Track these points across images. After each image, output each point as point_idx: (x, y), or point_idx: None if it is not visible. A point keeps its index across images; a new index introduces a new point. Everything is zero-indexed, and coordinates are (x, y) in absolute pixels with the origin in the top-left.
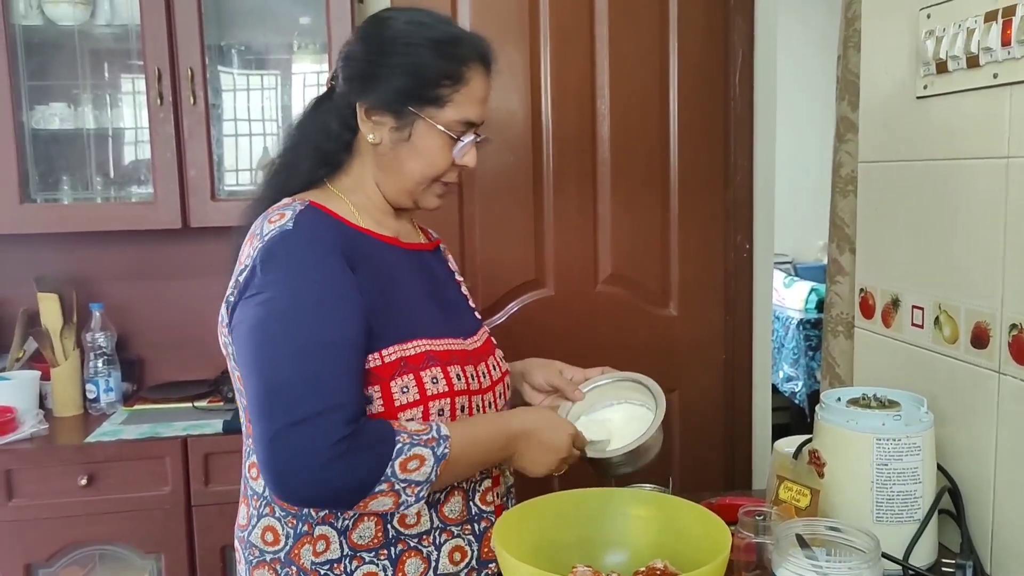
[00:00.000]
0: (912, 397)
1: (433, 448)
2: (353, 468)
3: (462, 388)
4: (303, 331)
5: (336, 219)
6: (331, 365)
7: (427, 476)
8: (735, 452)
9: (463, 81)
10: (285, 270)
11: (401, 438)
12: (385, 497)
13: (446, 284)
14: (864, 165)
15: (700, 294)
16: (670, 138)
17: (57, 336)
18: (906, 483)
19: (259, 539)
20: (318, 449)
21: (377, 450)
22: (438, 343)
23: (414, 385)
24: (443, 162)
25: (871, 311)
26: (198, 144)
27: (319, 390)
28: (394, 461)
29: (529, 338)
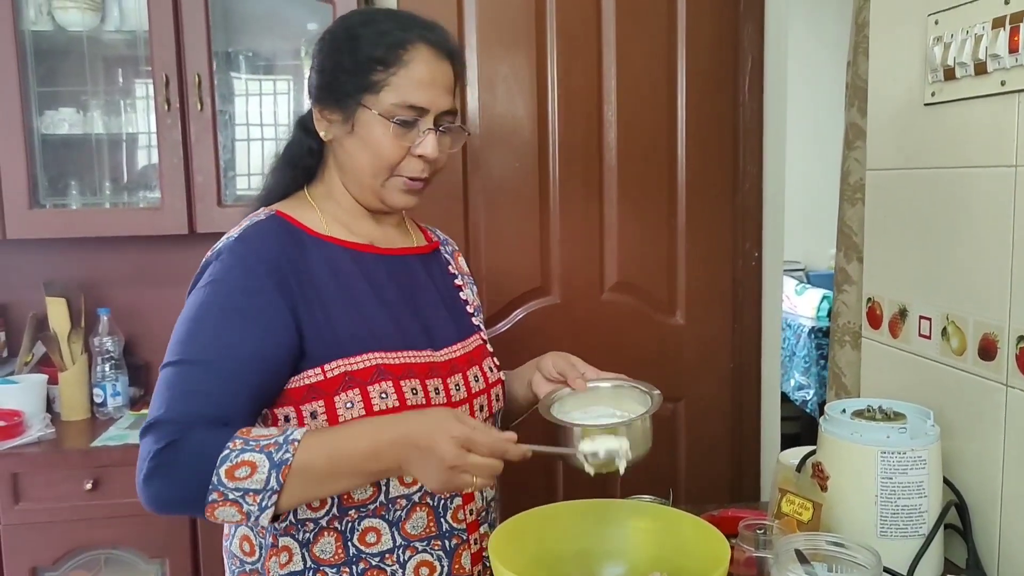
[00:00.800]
0: (918, 409)
1: (270, 453)
2: (172, 478)
3: (418, 403)
4: (188, 341)
5: (297, 227)
6: (185, 379)
7: (263, 483)
8: (743, 463)
9: (399, 63)
10: (210, 281)
11: (231, 444)
12: (226, 507)
13: (431, 289)
14: (872, 173)
15: (708, 302)
16: (678, 145)
17: (65, 340)
18: (911, 497)
19: (238, 549)
20: (143, 458)
21: (198, 459)
22: (394, 356)
23: (359, 400)
24: (391, 151)
25: (878, 321)
26: (205, 150)
27: (161, 400)
28: (218, 468)
29: (534, 346)
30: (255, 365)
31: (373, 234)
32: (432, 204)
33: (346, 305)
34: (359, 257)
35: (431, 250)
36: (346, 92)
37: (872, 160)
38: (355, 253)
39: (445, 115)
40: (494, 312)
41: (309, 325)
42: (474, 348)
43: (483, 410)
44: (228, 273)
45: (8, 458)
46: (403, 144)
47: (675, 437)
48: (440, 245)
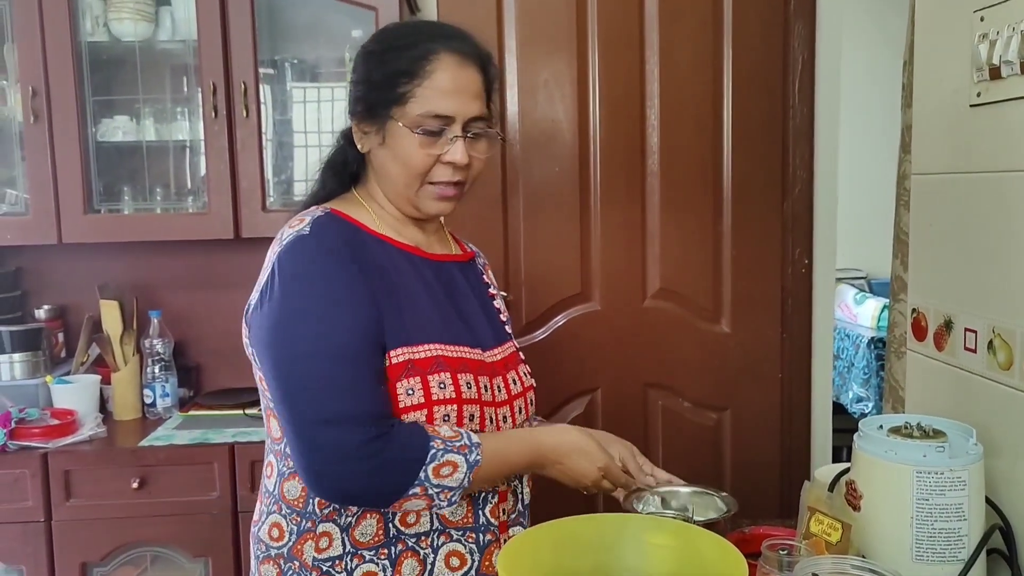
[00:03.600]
0: (960, 427)
1: (466, 455)
2: (384, 471)
3: (471, 397)
4: (320, 333)
5: (354, 224)
6: (349, 368)
7: (460, 482)
8: (791, 477)
9: (423, 75)
10: (300, 274)
11: (435, 443)
12: (419, 500)
13: (470, 296)
14: (917, 177)
15: (754, 310)
16: (724, 148)
17: (118, 342)
18: (949, 520)
19: (266, 535)
20: (348, 450)
21: (409, 455)
22: (450, 349)
23: (420, 388)
24: (419, 160)
25: (923, 333)
26: (250, 156)
27: (341, 392)
28: (427, 466)
29: (574, 353)
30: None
31: (418, 239)
32: (472, 210)
33: (406, 297)
34: (410, 258)
35: (468, 259)
36: (377, 105)
37: (918, 164)
38: (406, 254)
39: (475, 121)
40: (534, 318)
41: (381, 311)
42: (510, 354)
43: (521, 412)
44: (315, 264)
45: (61, 455)
46: (431, 153)
47: (720, 448)
48: (474, 256)
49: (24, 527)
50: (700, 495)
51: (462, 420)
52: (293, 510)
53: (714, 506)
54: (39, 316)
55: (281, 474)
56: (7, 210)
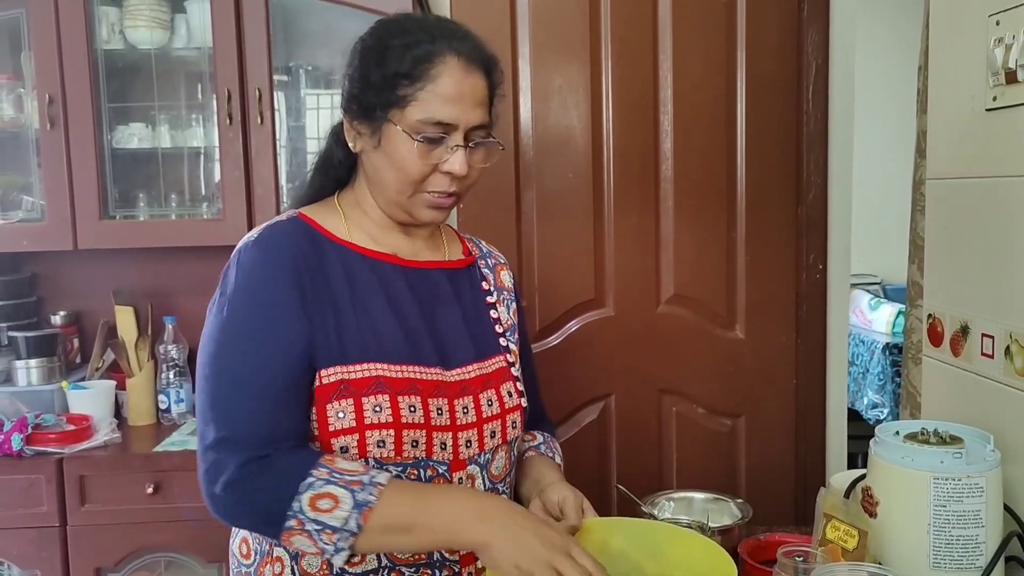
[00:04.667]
0: (977, 433)
1: (354, 491)
2: (258, 497)
3: (414, 421)
4: (230, 355)
5: (317, 231)
6: (247, 390)
7: (343, 522)
8: (806, 483)
9: (426, 78)
10: (236, 287)
11: (317, 472)
12: (299, 536)
13: (455, 305)
14: (933, 182)
15: (769, 316)
16: (737, 154)
17: (132, 347)
18: (967, 527)
19: (237, 549)
20: (224, 474)
21: (282, 481)
22: (395, 368)
23: (351, 410)
24: (415, 168)
25: (939, 338)
26: (264, 162)
27: (232, 415)
28: (301, 495)
29: (587, 359)
30: (295, 372)
31: (399, 245)
32: (484, 216)
33: (356, 313)
34: (378, 267)
35: (464, 264)
36: (373, 106)
37: (933, 169)
38: (374, 262)
39: (476, 129)
40: (547, 324)
41: (319, 327)
42: (494, 370)
43: (495, 436)
44: (250, 279)
45: (76, 461)
46: (429, 161)
47: (735, 455)
48: (477, 259)
49: (39, 532)
50: (715, 501)
51: (401, 446)
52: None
53: (729, 512)
54: (55, 322)
55: None
56: (23, 216)
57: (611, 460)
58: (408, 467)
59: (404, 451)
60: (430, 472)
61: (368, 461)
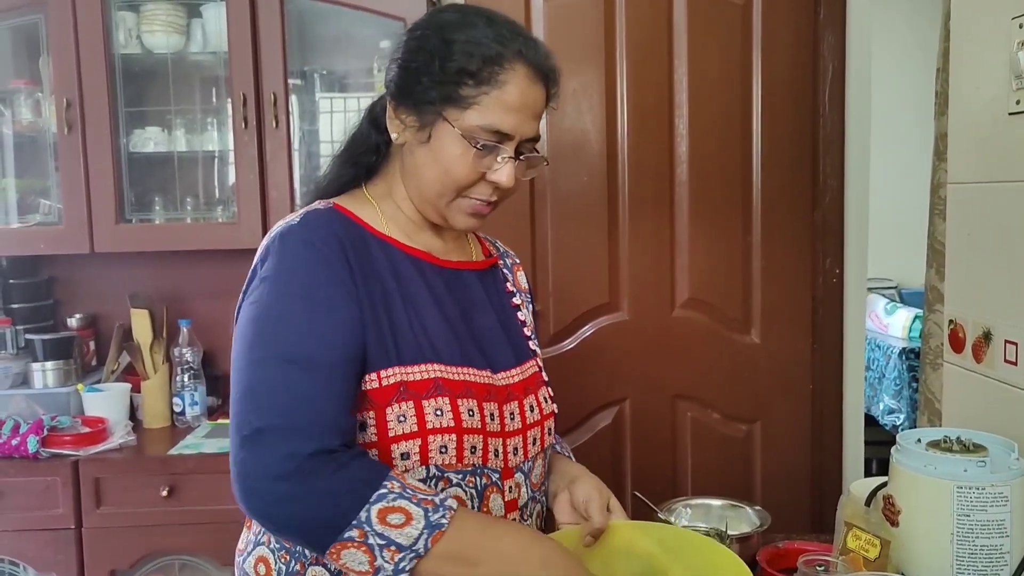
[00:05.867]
0: (1002, 441)
1: (427, 511)
2: (317, 497)
3: (474, 426)
4: (281, 336)
5: (357, 223)
6: (305, 378)
7: (412, 541)
8: (823, 490)
9: (493, 83)
10: (280, 268)
11: (390, 484)
12: (356, 549)
13: (488, 308)
14: (954, 187)
15: (784, 321)
16: (753, 158)
17: (147, 350)
18: (991, 536)
19: (251, 568)
20: (278, 465)
21: (351, 485)
22: (453, 371)
23: (412, 414)
24: (463, 173)
25: (961, 345)
26: (279, 166)
27: (290, 401)
28: (372, 505)
29: (602, 363)
30: (351, 363)
31: (432, 244)
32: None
33: (407, 310)
34: (419, 265)
35: (489, 265)
36: (428, 99)
37: (954, 173)
38: (415, 259)
39: (527, 142)
40: (561, 328)
41: (371, 324)
42: (531, 375)
43: (535, 443)
44: (297, 260)
45: (92, 463)
46: (479, 168)
47: (750, 461)
48: (499, 259)
49: (55, 534)
50: (732, 508)
51: (463, 452)
52: (282, 546)
53: (747, 519)
54: (71, 324)
55: None
56: (40, 220)
57: (625, 465)
58: (467, 474)
59: (464, 457)
60: (484, 480)
61: (429, 468)
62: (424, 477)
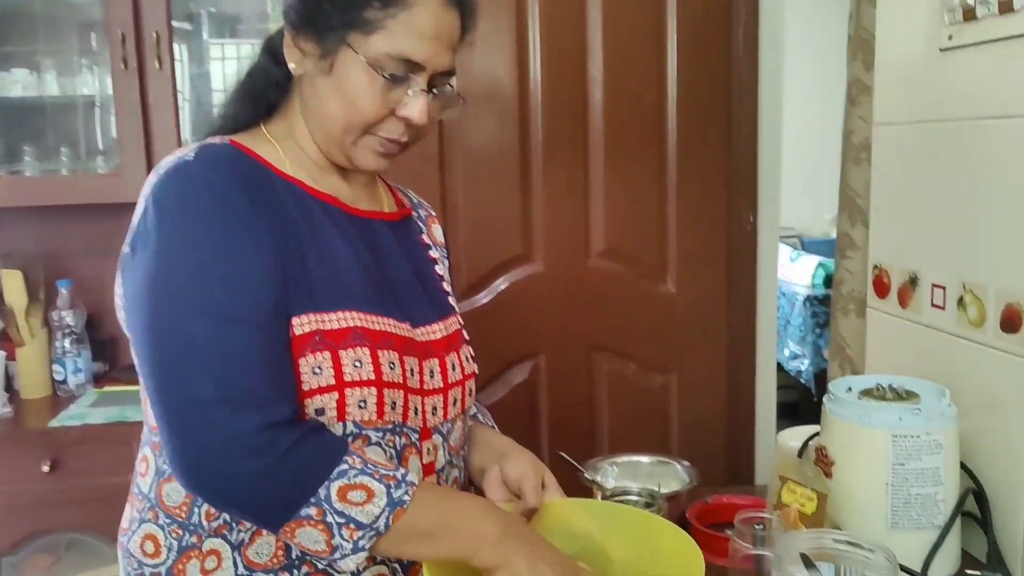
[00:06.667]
0: (932, 387)
1: (389, 487)
2: (277, 474)
3: (395, 380)
4: (206, 287)
5: (258, 162)
6: (245, 335)
7: (373, 519)
8: (739, 440)
9: (401, 5)
10: (180, 213)
11: (351, 460)
12: (313, 528)
13: (403, 261)
14: (880, 128)
15: (700, 269)
16: (668, 103)
17: (23, 315)
18: (926, 485)
19: (138, 548)
20: (235, 438)
21: (312, 461)
22: (372, 320)
23: (329, 366)
24: (370, 106)
25: (885, 290)
26: (164, 113)
27: (234, 364)
28: (332, 482)
29: (516, 317)
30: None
31: (339, 189)
32: (405, 168)
33: (321, 255)
34: (328, 210)
35: (402, 217)
36: (330, 24)
37: (880, 114)
38: (324, 204)
39: (441, 75)
40: (473, 282)
41: (285, 268)
42: (453, 332)
43: (456, 404)
44: (200, 201)
45: None
46: (388, 103)
47: (667, 413)
48: (413, 211)
49: None
50: (660, 465)
51: (383, 408)
52: (173, 520)
53: (675, 475)
54: None
55: (160, 473)
56: None
57: (541, 420)
58: (387, 432)
59: (385, 413)
60: (403, 440)
61: (347, 425)
62: (341, 434)
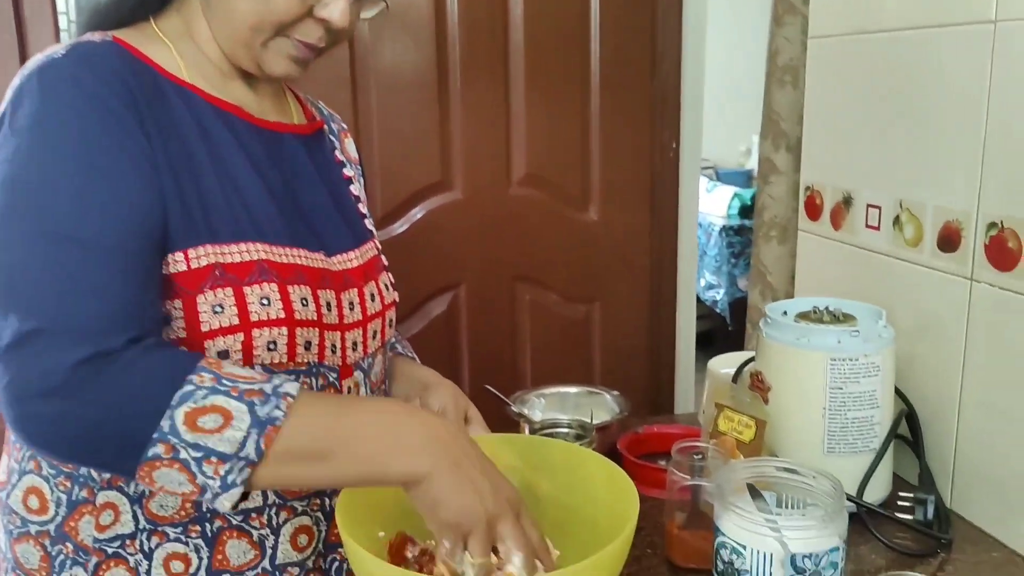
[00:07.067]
0: (869, 309)
1: (253, 404)
2: (101, 407)
3: (308, 318)
4: (54, 209)
5: (145, 63)
6: (85, 266)
7: (238, 446)
8: (659, 367)
9: None
10: (42, 116)
11: (199, 378)
12: (168, 468)
13: (317, 181)
14: (815, 41)
15: (623, 197)
16: (591, 23)
17: None
18: (863, 408)
19: (20, 503)
20: (53, 373)
21: (145, 390)
22: (280, 252)
23: (232, 304)
24: (286, 6)
25: (817, 212)
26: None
27: (64, 292)
28: (175, 409)
29: (435, 247)
30: (147, 241)
31: (243, 98)
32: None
33: (219, 176)
34: (231, 122)
35: (314, 130)
36: None
37: (816, 26)
38: (226, 116)
39: None
40: (389, 210)
41: (173, 191)
42: (370, 259)
43: (376, 337)
44: (66, 104)
45: None
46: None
47: (589, 343)
48: (324, 124)
49: None
50: (589, 396)
51: (295, 349)
52: (60, 471)
53: (605, 406)
54: None
55: None
56: None
57: (463, 353)
58: (301, 374)
59: (298, 354)
60: (321, 381)
61: (254, 368)
62: None
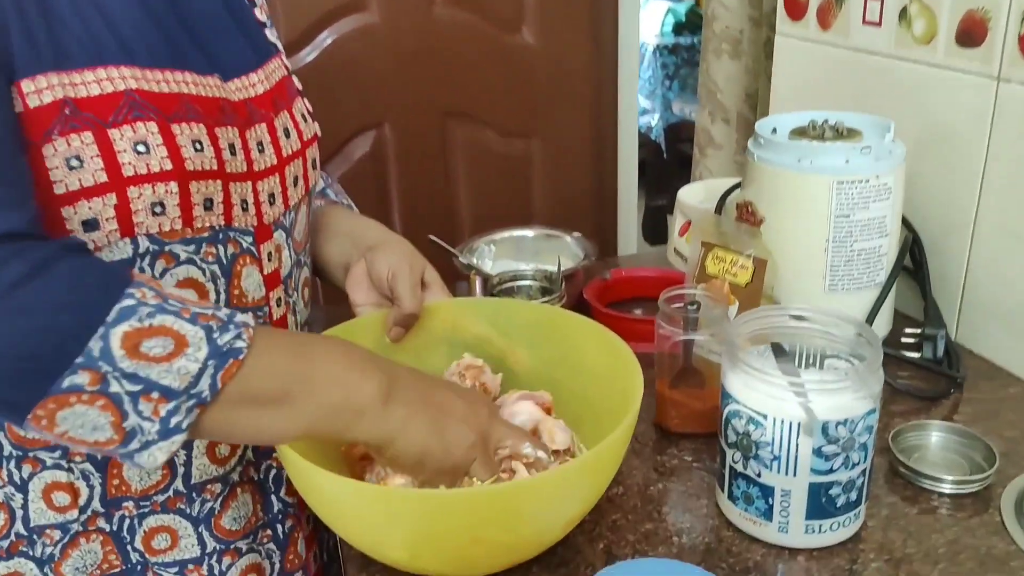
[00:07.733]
0: (874, 122)
1: (210, 330)
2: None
3: (206, 166)
4: None
5: None
6: None
7: (190, 380)
8: (603, 204)
9: None
10: None
11: (140, 293)
12: (87, 406)
13: None
14: None
15: (560, 17)
16: None
17: None
18: (871, 238)
19: None
20: None
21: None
22: (158, 79)
23: (96, 154)
24: None
25: (801, 10)
26: None
27: None
28: (111, 328)
29: (347, 79)
30: None
31: None
32: None
33: None
34: None
35: None
36: None
37: None
38: None
39: None
40: (294, 37)
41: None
42: (279, 81)
43: (297, 184)
44: None
45: None
46: None
47: (529, 179)
48: None
49: None
50: (547, 239)
51: (191, 210)
52: None
53: (567, 251)
54: None
55: None
56: None
57: (392, 198)
58: (203, 243)
59: (196, 218)
60: (232, 248)
61: (137, 241)
62: (130, 255)
